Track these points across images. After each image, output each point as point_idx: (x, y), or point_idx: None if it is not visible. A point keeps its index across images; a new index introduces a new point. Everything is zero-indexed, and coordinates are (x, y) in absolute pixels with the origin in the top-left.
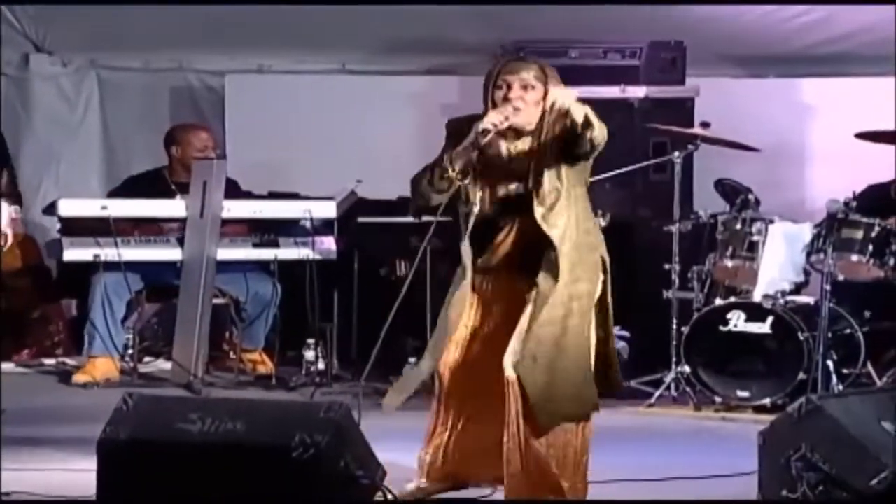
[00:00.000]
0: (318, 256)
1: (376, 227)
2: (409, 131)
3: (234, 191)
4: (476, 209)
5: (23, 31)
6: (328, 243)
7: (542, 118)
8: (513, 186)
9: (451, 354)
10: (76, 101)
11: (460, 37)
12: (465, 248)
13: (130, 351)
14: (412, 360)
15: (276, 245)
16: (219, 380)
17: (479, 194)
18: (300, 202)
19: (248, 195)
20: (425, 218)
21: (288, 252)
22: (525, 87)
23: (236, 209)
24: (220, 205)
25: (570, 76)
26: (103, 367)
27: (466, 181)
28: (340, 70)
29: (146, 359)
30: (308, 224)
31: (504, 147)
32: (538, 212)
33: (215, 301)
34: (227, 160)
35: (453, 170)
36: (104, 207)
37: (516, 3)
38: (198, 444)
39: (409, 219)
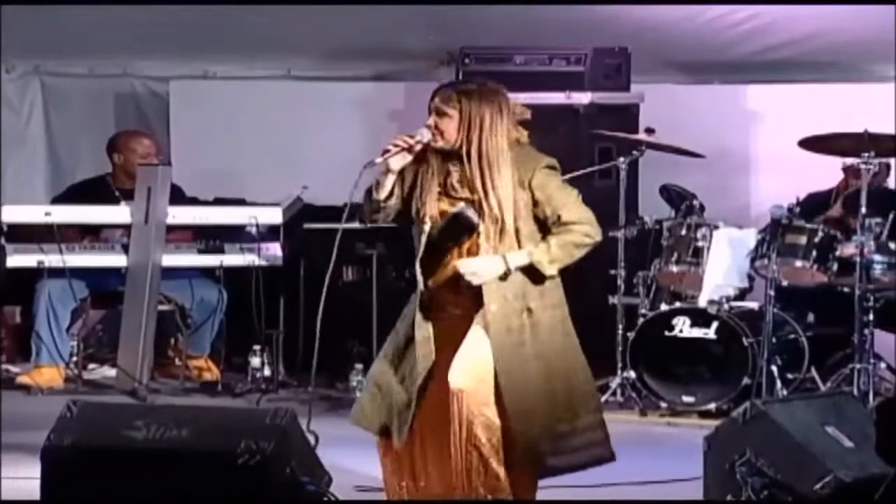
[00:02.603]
0: (264, 263)
1: (322, 233)
2: (355, 137)
3: (178, 197)
4: (426, 228)
5: None
6: (274, 249)
7: (471, 146)
8: (455, 208)
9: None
10: (20, 107)
11: (407, 43)
12: (417, 268)
13: (75, 358)
14: (358, 365)
15: (221, 251)
16: (164, 386)
17: (430, 214)
18: (246, 208)
19: (194, 201)
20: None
21: (234, 258)
22: (439, 114)
23: (181, 215)
24: (165, 211)
25: (516, 82)
26: (48, 374)
27: (392, 202)
28: (286, 76)
29: (91, 366)
30: (254, 230)
31: (447, 168)
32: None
33: (160, 308)
34: (171, 166)
35: (377, 194)
36: (48, 214)
37: (463, 3)
38: (143, 450)
39: (356, 225)
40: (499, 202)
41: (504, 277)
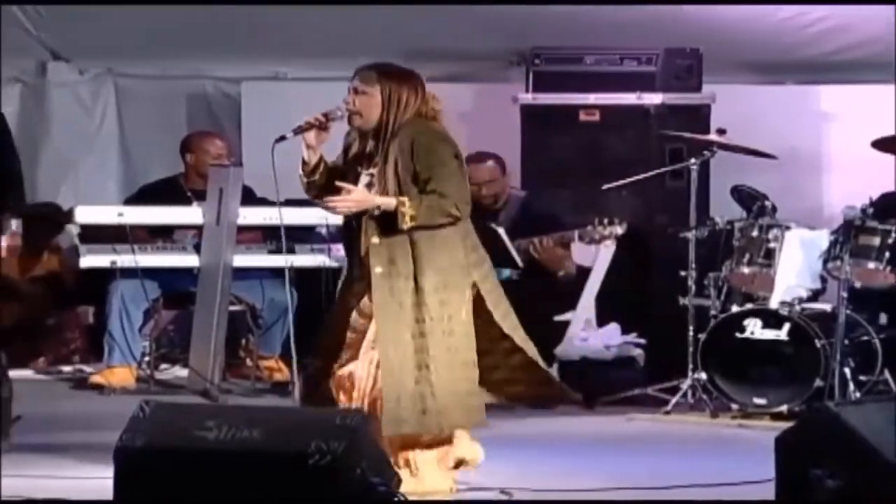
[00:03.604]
0: (334, 263)
1: None
2: None
3: (249, 198)
4: None
5: (40, 39)
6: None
7: (387, 124)
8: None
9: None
10: (93, 108)
11: (476, 45)
12: (344, 245)
13: (147, 358)
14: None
15: (292, 252)
16: (235, 387)
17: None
18: (316, 209)
19: (264, 202)
20: None
21: (304, 259)
22: (357, 92)
23: (252, 216)
24: (237, 212)
25: (586, 83)
26: (120, 375)
27: (316, 178)
28: None
29: (163, 366)
30: (324, 231)
31: (365, 145)
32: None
33: (232, 308)
34: (243, 167)
35: (301, 170)
36: (121, 214)
37: (533, 4)
38: (214, 451)
39: None
40: (393, 171)
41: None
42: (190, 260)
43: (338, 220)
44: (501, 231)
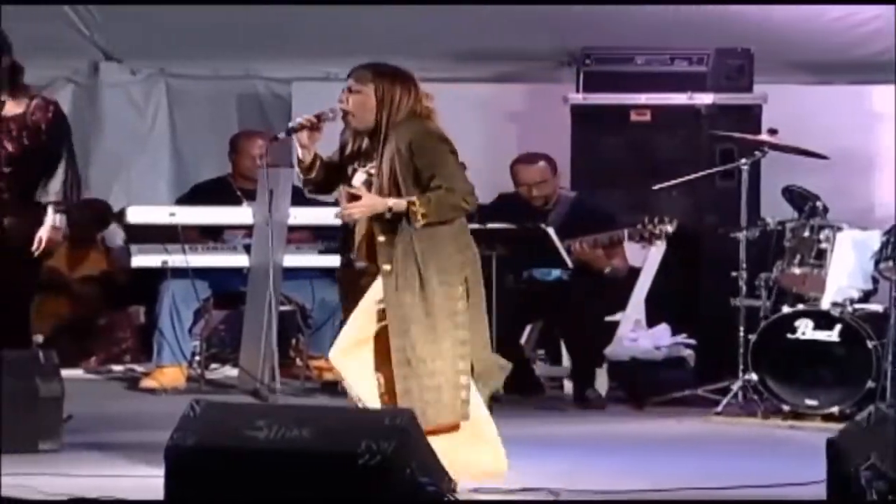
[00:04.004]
0: None
1: None
2: (475, 139)
3: (300, 198)
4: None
5: (92, 39)
6: None
7: (381, 123)
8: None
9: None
10: (145, 109)
11: (527, 44)
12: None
13: (198, 358)
14: None
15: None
16: (285, 387)
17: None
18: None
19: (314, 202)
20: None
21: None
22: (351, 91)
23: (302, 216)
24: (287, 212)
25: (637, 83)
26: (171, 374)
27: (312, 176)
28: None
29: (213, 366)
30: None
31: (361, 143)
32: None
33: (282, 308)
34: (293, 168)
35: (298, 168)
36: (172, 214)
37: (584, 4)
38: (264, 451)
39: (475, 226)
40: (389, 171)
41: (389, 221)
42: (240, 260)
43: None
44: (551, 231)
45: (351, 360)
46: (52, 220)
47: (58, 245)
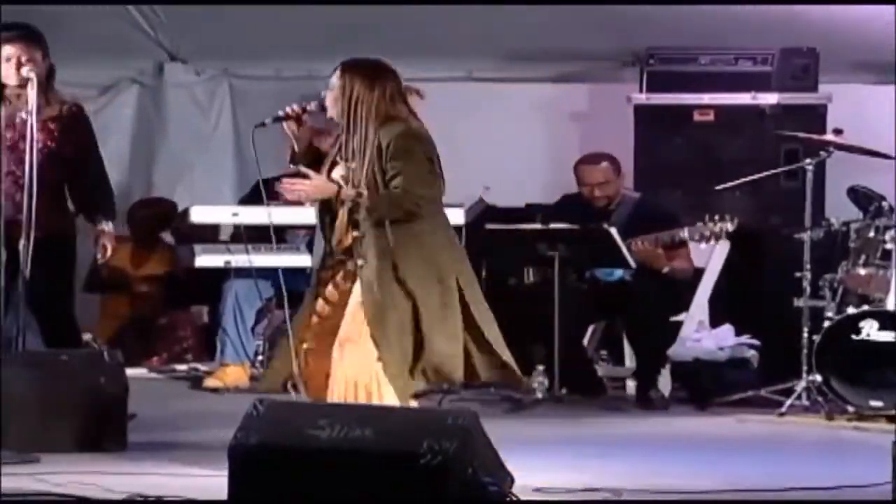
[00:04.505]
0: None
1: (504, 234)
2: (537, 139)
3: None
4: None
5: (157, 40)
6: None
7: (351, 118)
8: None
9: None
10: (209, 109)
11: (589, 44)
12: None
13: (261, 357)
14: (540, 367)
15: None
16: None
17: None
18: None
19: None
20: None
21: None
22: (328, 87)
23: None
24: None
25: (701, 83)
26: (234, 373)
27: (298, 167)
28: (468, 77)
29: None
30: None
31: (342, 139)
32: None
33: None
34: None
35: (292, 157)
36: (235, 214)
37: (648, 4)
38: (326, 450)
39: (538, 226)
40: (360, 163)
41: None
42: (303, 260)
43: (454, 220)
44: (614, 231)
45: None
46: (108, 226)
47: (106, 251)
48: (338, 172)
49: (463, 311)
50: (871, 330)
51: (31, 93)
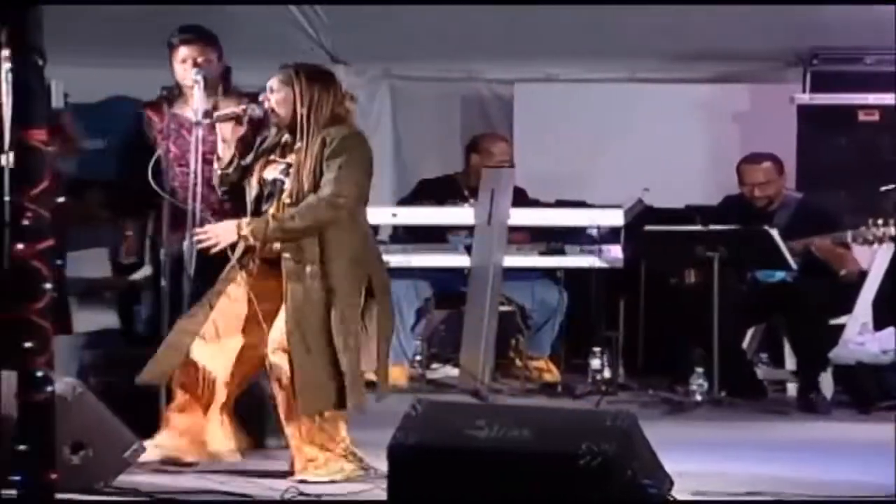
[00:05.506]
0: (604, 265)
1: (663, 235)
2: (697, 140)
3: (521, 199)
4: (253, 191)
5: (319, 41)
6: (615, 252)
7: (302, 120)
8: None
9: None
10: (369, 110)
11: (752, 44)
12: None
13: (419, 357)
14: (699, 369)
15: (562, 253)
16: (505, 387)
17: (256, 177)
18: (586, 210)
19: (536, 203)
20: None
21: (574, 260)
22: (272, 90)
23: (523, 217)
24: (508, 213)
25: (866, 83)
26: (393, 373)
27: (231, 171)
28: (629, 78)
29: (434, 365)
30: (594, 232)
31: (280, 137)
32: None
33: (502, 308)
34: (515, 168)
35: (217, 164)
36: (394, 215)
37: (813, 3)
38: (484, 450)
39: (697, 227)
40: (307, 164)
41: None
42: (461, 260)
43: (613, 221)
44: (774, 233)
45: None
46: None
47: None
48: (271, 173)
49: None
50: None
51: (198, 93)
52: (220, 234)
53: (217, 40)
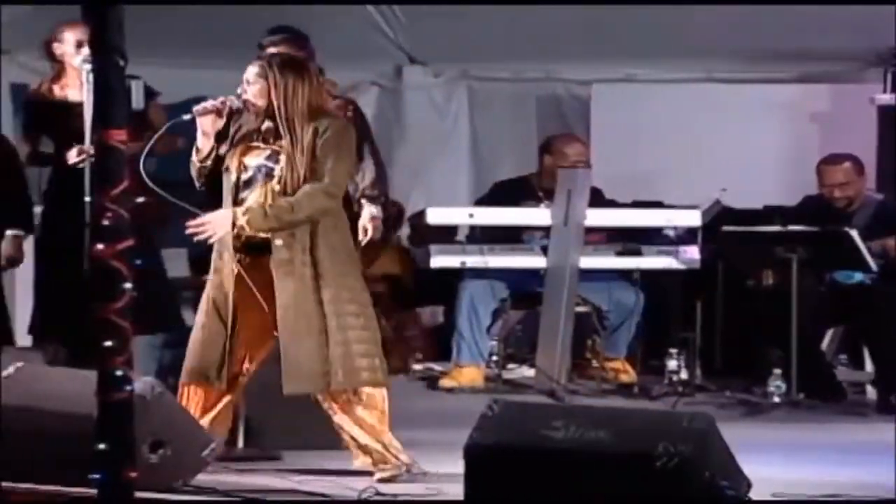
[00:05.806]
0: (681, 266)
1: (741, 236)
2: (776, 140)
3: (598, 199)
4: (232, 178)
5: (397, 42)
6: (691, 252)
7: (280, 109)
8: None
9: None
10: (446, 111)
11: (832, 44)
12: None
13: (495, 358)
14: (777, 370)
15: (638, 254)
16: (581, 388)
17: (234, 165)
18: (663, 211)
19: (612, 204)
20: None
21: (651, 261)
22: (248, 83)
23: (600, 218)
24: (584, 213)
25: None
26: (469, 374)
27: (208, 163)
28: (706, 78)
29: (510, 365)
30: (671, 233)
31: (259, 125)
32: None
33: (578, 309)
34: (591, 169)
35: (195, 156)
36: (471, 216)
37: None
38: (561, 450)
39: (776, 228)
40: (300, 153)
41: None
42: (537, 261)
43: (690, 222)
44: (854, 234)
45: None
46: (371, 210)
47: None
48: (253, 161)
49: None
50: None
51: None
52: (215, 224)
53: (308, 41)
